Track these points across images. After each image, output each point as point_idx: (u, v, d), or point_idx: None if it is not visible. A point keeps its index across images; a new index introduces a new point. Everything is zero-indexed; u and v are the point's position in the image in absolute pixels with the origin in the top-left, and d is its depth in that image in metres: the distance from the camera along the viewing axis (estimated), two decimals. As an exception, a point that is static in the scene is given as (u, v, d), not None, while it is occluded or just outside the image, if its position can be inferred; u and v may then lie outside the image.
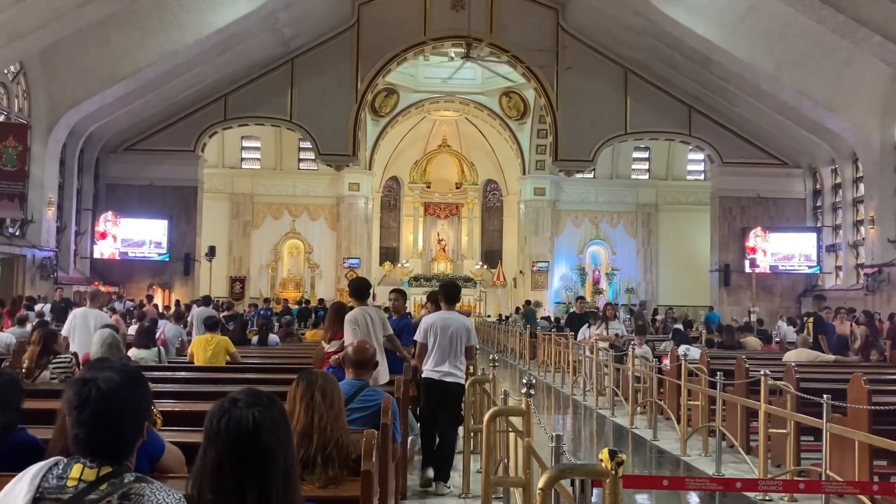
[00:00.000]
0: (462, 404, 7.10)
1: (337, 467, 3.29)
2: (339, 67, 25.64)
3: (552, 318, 24.80)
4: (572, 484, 3.00)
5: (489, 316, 31.71)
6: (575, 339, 14.29)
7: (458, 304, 7.28)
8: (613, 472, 2.76)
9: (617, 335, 12.75)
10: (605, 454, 2.79)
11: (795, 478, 6.27)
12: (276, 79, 25.82)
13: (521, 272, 33.30)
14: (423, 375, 6.90)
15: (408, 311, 12.56)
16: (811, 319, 13.85)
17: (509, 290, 33.63)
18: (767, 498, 6.41)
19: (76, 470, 1.99)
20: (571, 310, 18.13)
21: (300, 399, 3.47)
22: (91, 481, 1.98)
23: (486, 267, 35.52)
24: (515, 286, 33.62)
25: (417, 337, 6.98)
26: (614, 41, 25.49)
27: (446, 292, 7.12)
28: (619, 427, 10.62)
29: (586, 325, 13.61)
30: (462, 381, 6.86)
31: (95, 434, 2.04)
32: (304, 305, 24.94)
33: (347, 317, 6.82)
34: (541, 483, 2.86)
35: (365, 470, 3.04)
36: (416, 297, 30.67)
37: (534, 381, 4.90)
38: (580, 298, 17.24)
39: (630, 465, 8.75)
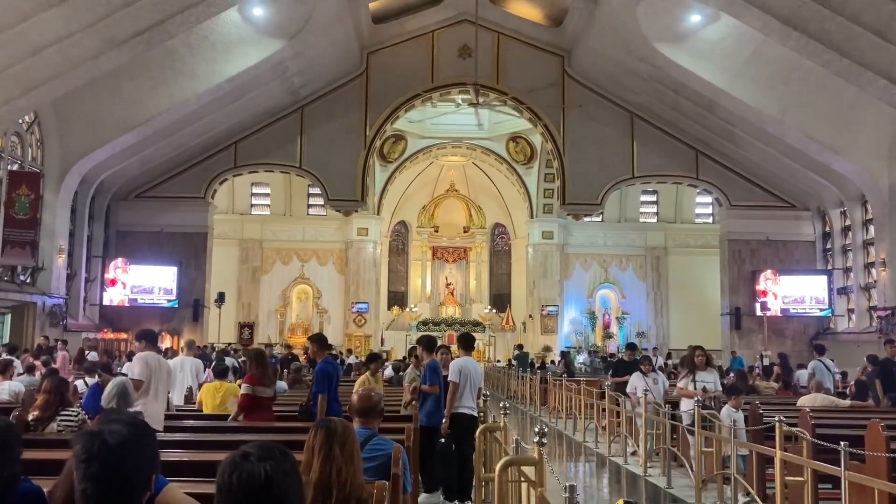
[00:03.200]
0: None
1: None
2: (348, 114, 25.96)
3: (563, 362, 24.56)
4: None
5: (499, 361, 31.52)
6: (621, 392, 12.06)
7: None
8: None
9: (705, 390, 9.74)
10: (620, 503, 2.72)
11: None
12: (286, 126, 26.13)
13: (530, 316, 33.18)
14: (459, 412, 8.07)
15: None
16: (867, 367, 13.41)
17: (519, 335, 33.47)
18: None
19: None
20: (619, 357, 14.99)
21: (318, 450, 3.38)
22: None
23: (494, 311, 35.41)
24: (525, 330, 33.47)
25: (453, 378, 8.10)
26: (619, 86, 25.75)
27: (465, 341, 8.67)
28: (632, 475, 10.44)
29: (637, 373, 11.39)
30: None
31: (102, 488, 2.03)
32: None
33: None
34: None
35: (377, 524, 2.97)
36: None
37: (545, 430, 4.82)
38: (631, 346, 14.41)
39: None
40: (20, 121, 20.03)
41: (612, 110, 26.39)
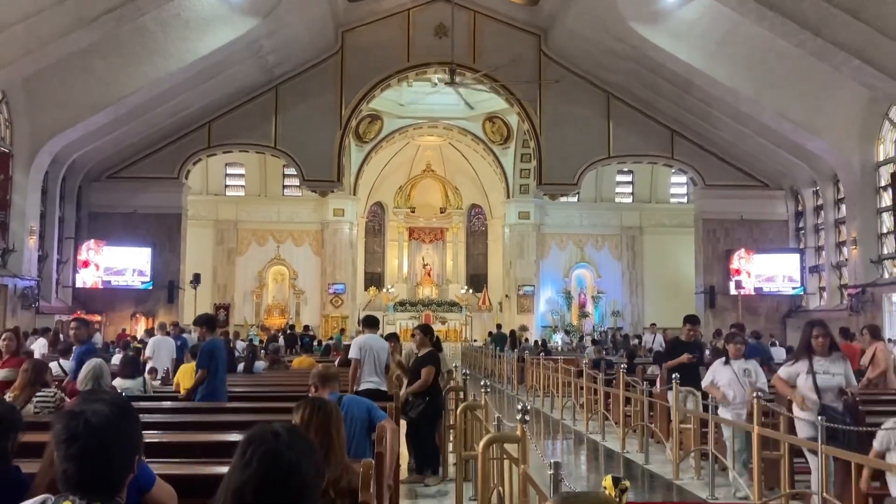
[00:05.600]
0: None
1: (347, 499, 3.22)
2: (323, 94, 25.71)
3: (538, 342, 24.75)
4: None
5: (475, 340, 31.63)
6: (690, 384, 8.95)
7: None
8: (618, 499, 2.71)
9: (842, 392, 6.47)
10: (608, 481, 2.74)
11: (791, 501, 6.23)
12: (261, 106, 25.83)
13: (506, 296, 33.31)
14: (362, 388, 8.01)
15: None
16: None
17: (495, 314, 33.59)
18: (763, 521, 6.36)
19: None
20: (681, 337, 10.07)
21: (315, 432, 3.32)
22: None
23: (471, 291, 35.49)
24: (501, 310, 33.60)
25: (354, 355, 8.20)
26: (596, 66, 25.75)
27: (369, 321, 8.90)
28: (609, 451, 10.56)
29: (719, 362, 8.06)
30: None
31: (85, 469, 1.97)
32: (289, 332, 24.75)
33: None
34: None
35: (363, 501, 2.96)
36: (401, 323, 30.65)
37: (527, 407, 4.84)
38: (693, 319, 10.09)
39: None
40: (-13, 100, 19.59)
41: (588, 90, 26.40)
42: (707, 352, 11.10)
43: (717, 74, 21.56)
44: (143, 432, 5.76)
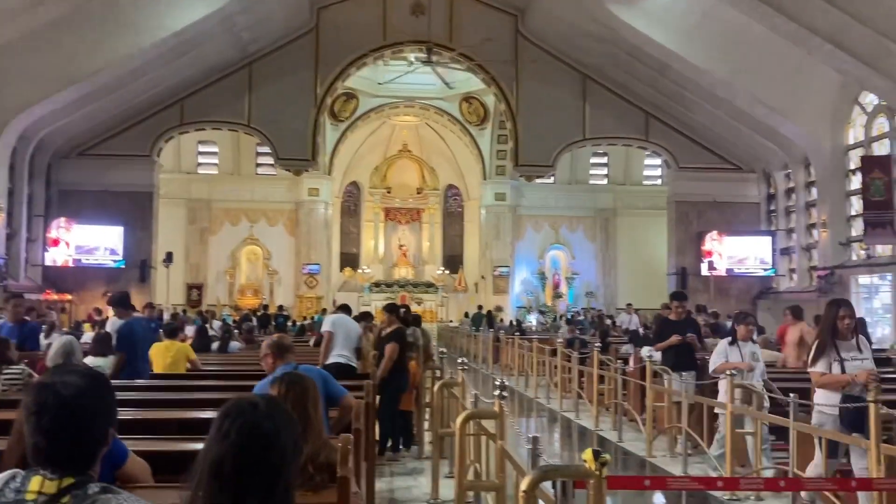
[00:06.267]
0: None
1: (325, 473, 3.21)
2: (298, 72, 25.42)
3: (514, 322, 24.89)
4: (553, 486, 2.96)
5: (451, 321, 31.71)
6: (686, 366, 8.68)
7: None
8: (598, 472, 2.73)
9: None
10: (588, 454, 2.76)
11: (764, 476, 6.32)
12: (234, 83, 25.49)
13: (482, 277, 33.39)
14: (331, 361, 8.17)
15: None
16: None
17: (471, 296, 33.66)
18: (735, 497, 6.47)
19: (35, 482, 1.85)
20: (670, 317, 9.49)
21: (292, 407, 3.31)
22: (52, 494, 1.85)
23: (447, 272, 35.51)
24: (477, 291, 33.68)
25: (327, 328, 8.46)
26: (573, 47, 25.72)
27: (343, 308, 9.46)
28: (583, 429, 10.66)
29: (725, 342, 7.51)
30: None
31: (56, 443, 1.90)
32: (262, 312, 24.61)
33: None
34: (524, 486, 2.82)
35: (342, 476, 2.96)
36: (376, 304, 30.57)
37: (504, 384, 4.86)
38: (680, 296, 9.61)
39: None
40: (-47, 73, 19.10)
41: (565, 72, 26.38)
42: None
43: (693, 57, 21.64)
44: (117, 410, 5.70)
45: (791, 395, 5.76)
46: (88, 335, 12.16)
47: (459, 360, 6.87)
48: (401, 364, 8.14)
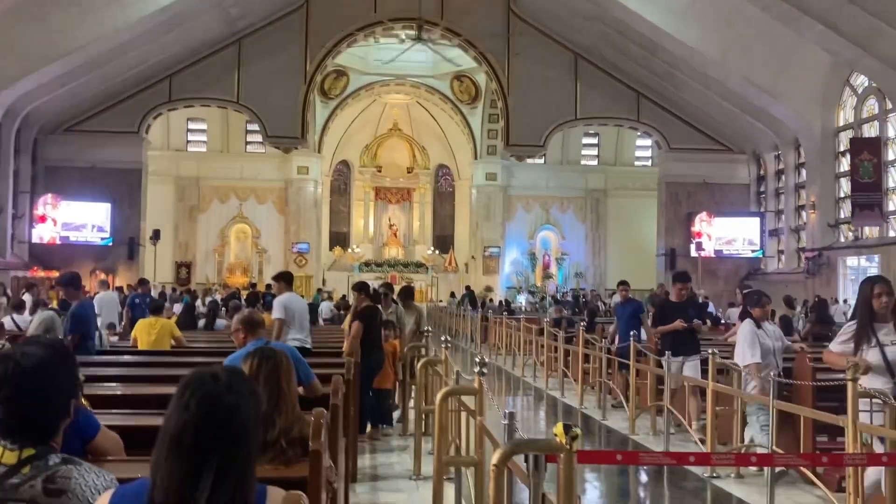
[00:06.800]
0: None
1: (298, 447, 3.21)
2: (288, 48, 25.20)
3: (502, 302, 24.94)
4: (526, 460, 2.96)
5: (441, 301, 31.73)
6: (688, 350, 8.14)
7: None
8: (568, 446, 2.73)
9: None
10: (559, 428, 2.76)
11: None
12: (223, 59, 25.28)
13: (472, 257, 33.38)
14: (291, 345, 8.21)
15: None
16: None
17: (461, 276, 33.67)
18: (715, 474, 6.51)
19: None
20: (671, 297, 9.12)
21: (264, 381, 3.31)
22: (12, 464, 1.87)
23: (437, 252, 35.48)
24: (467, 271, 33.68)
25: (279, 315, 7.69)
26: (565, 26, 25.58)
27: (285, 278, 8.33)
28: (568, 407, 10.71)
29: (748, 323, 6.66)
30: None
31: (16, 413, 1.91)
32: (251, 290, 24.53)
33: None
34: (494, 459, 2.82)
35: (314, 450, 2.95)
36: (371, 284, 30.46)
37: (485, 360, 4.86)
38: (681, 276, 8.95)
39: (580, 444, 8.82)
40: (-64, 47, 18.85)
41: (557, 51, 26.25)
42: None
43: (685, 37, 21.55)
44: (101, 384, 5.71)
45: (772, 373, 5.77)
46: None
47: (442, 339, 6.86)
48: (371, 342, 8.04)
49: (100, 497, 1.83)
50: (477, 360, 4.78)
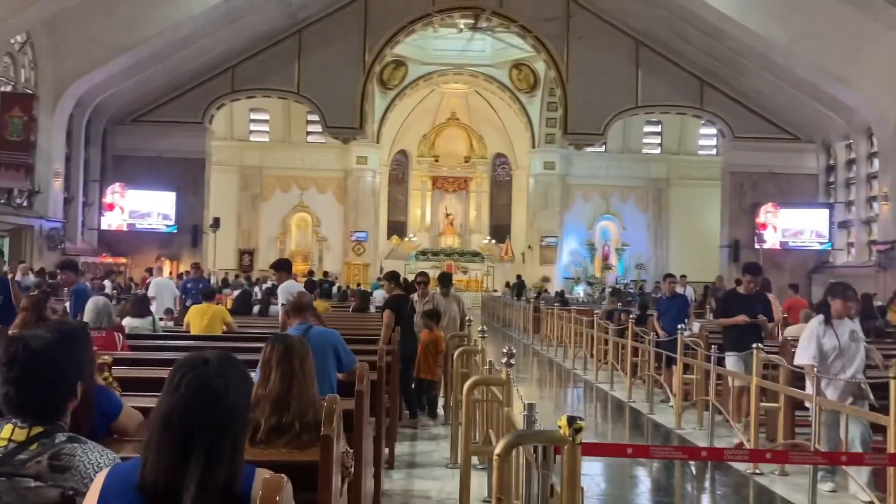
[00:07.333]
0: None
1: (314, 432, 3.26)
2: (347, 39, 25.41)
3: (559, 293, 24.75)
4: (535, 452, 2.94)
5: (496, 290, 31.69)
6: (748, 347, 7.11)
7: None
8: (571, 438, 2.70)
9: None
10: (563, 421, 2.73)
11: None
12: (284, 50, 25.65)
13: (529, 247, 33.19)
14: None
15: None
16: None
17: (517, 265, 33.54)
18: (758, 471, 6.35)
19: (6, 430, 1.96)
20: (738, 290, 8.73)
21: (276, 365, 3.39)
22: (21, 441, 1.95)
23: (494, 241, 35.41)
24: (524, 261, 33.53)
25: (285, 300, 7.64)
26: (625, 12, 25.12)
27: (283, 265, 8.58)
28: (616, 400, 10.58)
29: (818, 320, 6.19)
30: None
31: (24, 393, 2.01)
32: (308, 277, 24.93)
33: None
34: (497, 449, 2.81)
35: (325, 435, 2.98)
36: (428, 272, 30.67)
37: (513, 351, 4.83)
38: (752, 268, 8.39)
39: (623, 437, 8.72)
40: (11, 41, 19.65)
41: (617, 37, 25.80)
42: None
43: (750, 22, 20.91)
44: (151, 368, 5.88)
45: (815, 368, 5.58)
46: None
47: (479, 329, 6.85)
48: (403, 331, 8.05)
49: (98, 474, 1.90)
50: (505, 350, 4.76)
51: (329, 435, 3.04)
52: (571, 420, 2.72)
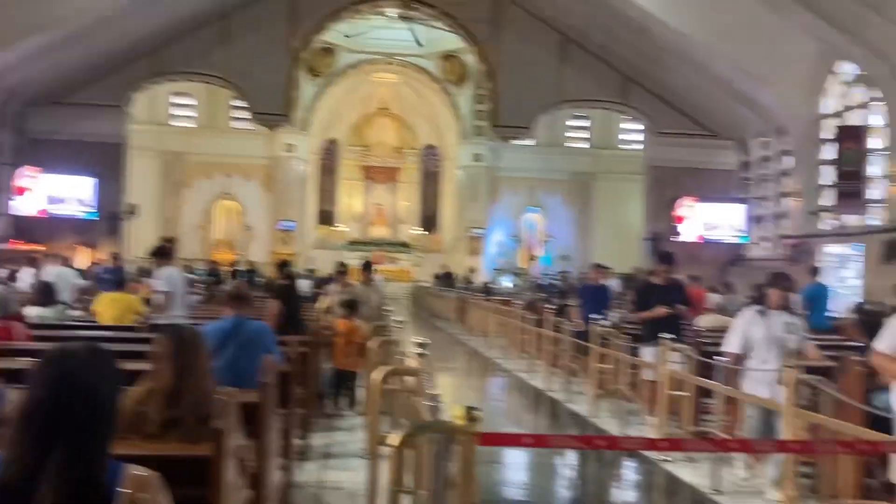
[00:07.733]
0: None
1: (208, 426, 3.19)
2: (274, 24, 24.96)
3: (485, 283, 24.96)
4: (438, 442, 2.96)
5: (425, 281, 31.72)
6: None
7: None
8: (466, 429, 2.72)
9: None
10: (458, 410, 2.75)
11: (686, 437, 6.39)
12: (209, 34, 25.00)
13: (457, 238, 33.37)
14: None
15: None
16: None
17: (446, 256, 33.67)
18: (667, 458, 6.54)
19: None
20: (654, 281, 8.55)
21: (168, 358, 3.31)
22: None
23: (423, 232, 35.45)
24: (452, 252, 33.67)
25: (166, 287, 7.83)
26: (554, 7, 25.40)
27: (162, 251, 8.53)
28: (535, 390, 10.73)
29: (752, 311, 6.11)
30: None
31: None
32: (233, 269, 24.49)
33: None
34: (394, 441, 2.82)
35: (216, 428, 2.93)
36: (354, 262, 30.50)
37: (427, 342, 4.85)
38: (665, 258, 8.67)
39: (540, 426, 8.87)
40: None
41: (545, 32, 26.07)
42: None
43: (673, 21, 21.41)
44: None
45: (716, 357, 5.77)
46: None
47: (394, 320, 6.86)
48: (292, 321, 8.05)
49: None
50: (417, 341, 4.78)
51: (220, 428, 2.99)
52: (469, 410, 2.75)
